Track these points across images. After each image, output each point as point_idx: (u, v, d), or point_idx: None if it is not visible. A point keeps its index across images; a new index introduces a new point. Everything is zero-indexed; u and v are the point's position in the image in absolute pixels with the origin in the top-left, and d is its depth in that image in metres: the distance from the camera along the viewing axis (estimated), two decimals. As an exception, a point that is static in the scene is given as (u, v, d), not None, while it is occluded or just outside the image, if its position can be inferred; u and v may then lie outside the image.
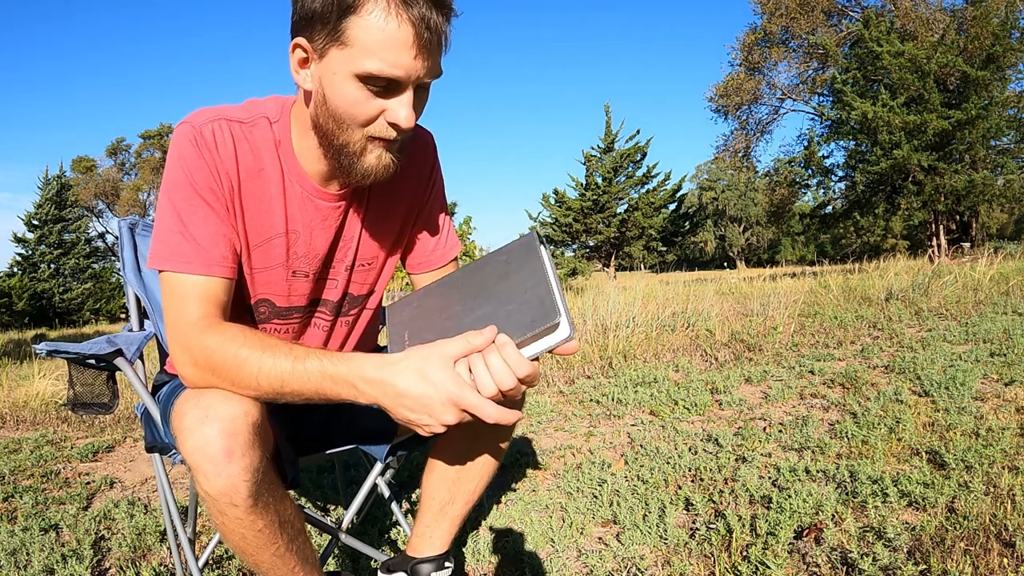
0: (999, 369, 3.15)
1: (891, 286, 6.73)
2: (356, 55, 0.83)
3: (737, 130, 23.23)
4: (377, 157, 0.91)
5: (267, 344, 0.86)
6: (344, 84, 0.85)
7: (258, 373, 0.84)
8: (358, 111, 0.87)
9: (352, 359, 0.83)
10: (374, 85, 0.85)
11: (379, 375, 0.81)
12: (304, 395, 0.85)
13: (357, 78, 0.84)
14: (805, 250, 48.98)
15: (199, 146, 0.93)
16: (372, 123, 0.88)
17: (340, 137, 0.90)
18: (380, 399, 0.82)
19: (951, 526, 1.52)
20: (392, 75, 0.83)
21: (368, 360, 0.83)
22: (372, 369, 0.82)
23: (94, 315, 29.84)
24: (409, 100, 0.86)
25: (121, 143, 46.65)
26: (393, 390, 0.80)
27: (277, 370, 0.84)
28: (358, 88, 0.85)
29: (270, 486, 0.86)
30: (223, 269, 0.94)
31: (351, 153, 0.91)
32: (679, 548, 1.57)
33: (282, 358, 0.84)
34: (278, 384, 0.84)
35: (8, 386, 4.31)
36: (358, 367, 0.82)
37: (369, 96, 0.86)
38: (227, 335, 0.87)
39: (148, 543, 1.80)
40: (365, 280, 1.14)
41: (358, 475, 2.32)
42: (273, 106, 1.00)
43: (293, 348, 0.86)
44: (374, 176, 0.93)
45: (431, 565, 1.16)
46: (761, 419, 2.69)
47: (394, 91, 0.86)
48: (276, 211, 1.00)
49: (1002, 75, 15.42)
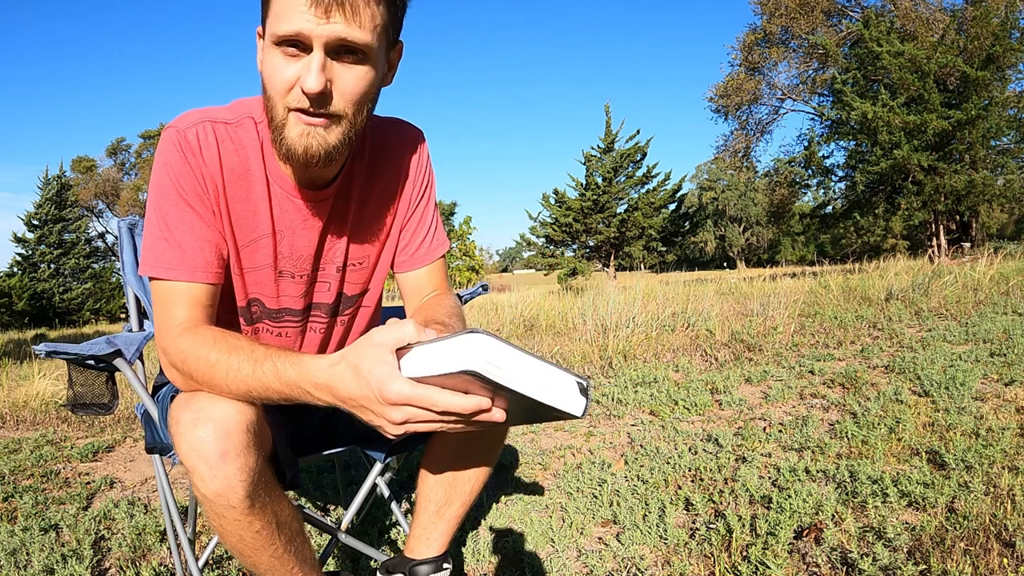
0: (999, 369, 3.15)
1: (891, 286, 6.74)
2: (272, 21, 0.84)
3: (737, 130, 23.24)
4: (299, 133, 0.88)
5: (233, 347, 0.85)
6: (269, 54, 0.86)
7: (226, 376, 0.83)
8: (276, 78, 0.86)
9: (302, 363, 0.79)
10: (288, 49, 0.84)
11: (324, 379, 0.76)
12: (270, 398, 0.83)
13: (274, 45, 0.85)
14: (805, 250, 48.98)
15: (184, 151, 0.94)
16: (290, 92, 0.87)
17: (270, 111, 0.90)
18: (332, 403, 0.77)
19: (951, 526, 1.52)
20: (289, 31, 0.82)
21: (316, 364, 0.78)
22: (318, 373, 0.77)
23: (94, 315, 29.85)
24: (318, 63, 0.83)
25: (121, 143, 46.70)
26: (337, 394, 0.76)
27: (241, 374, 0.82)
28: (277, 55, 0.85)
29: (267, 487, 0.86)
30: (207, 275, 0.95)
31: (277, 127, 0.90)
32: (679, 548, 1.57)
33: (244, 361, 0.82)
34: (244, 388, 0.83)
35: (8, 386, 4.31)
36: (307, 372, 0.78)
37: (285, 61, 0.85)
38: (200, 338, 0.87)
39: (148, 543, 1.80)
40: (358, 280, 1.13)
41: (358, 475, 2.32)
42: (257, 105, 1.00)
43: (255, 350, 0.83)
44: (299, 156, 0.89)
45: (429, 567, 1.15)
46: (761, 419, 2.69)
47: (306, 54, 0.85)
48: (262, 211, 1.00)
49: (1002, 75, 15.42)
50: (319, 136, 0.89)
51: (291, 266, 1.05)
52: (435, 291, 1.16)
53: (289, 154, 0.90)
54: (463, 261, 30.34)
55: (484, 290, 1.64)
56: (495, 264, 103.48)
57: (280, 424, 1.06)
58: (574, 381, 0.73)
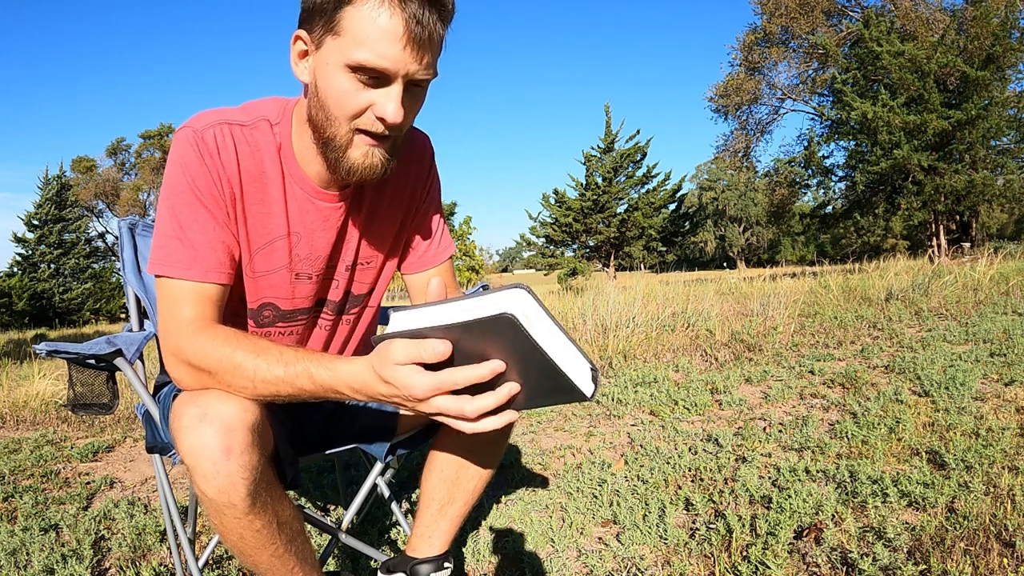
0: (999, 369, 3.15)
1: (891, 286, 6.74)
2: (347, 45, 0.83)
3: (737, 130, 23.25)
4: (364, 154, 0.91)
5: (259, 348, 0.86)
6: (335, 74, 0.86)
7: (254, 377, 0.85)
8: (346, 102, 0.87)
9: (335, 367, 0.83)
10: (363, 76, 0.85)
11: (360, 383, 0.82)
12: (299, 398, 0.87)
13: (348, 68, 0.85)
14: (805, 250, 48.99)
15: (201, 151, 0.93)
16: (360, 116, 0.88)
17: (328, 130, 0.90)
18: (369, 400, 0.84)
19: (951, 526, 1.52)
20: (379, 66, 0.83)
21: (350, 368, 0.83)
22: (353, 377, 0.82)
23: (94, 315, 29.85)
24: (398, 94, 0.86)
25: (121, 143, 46.68)
26: (372, 395, 0.82)
27: (272, 375, 0.85)
28: (348, 79, 0.85)
29: (268, 486, 0.86)
30: (219, 275, 0.95)
31: (338, 147, 0.91)
32: (679, 548, 1.57)
33: (275, 364, 0.85)
34: (273, 389, 0.85)
35: (8, 386, 4.31)
36: (342, 376, 0.83)
37: (359, 87, 0.86)
38: (220, 338, 0.88)
39: (148, 543, 1.80)
40: (365, 279, 1.14)
41: (358, 475, 2.32)
42: (273, 108, 1.00)
43: (283, 353, 0.86)
44: (360, 173, 0.92)
45: (430, 565, 1.15)
46: (761, 419, 2.69)
47: (383, 84, 0.86)
48: (277, 214, 1.00)
49: (1002, 75, 15.43)
50: (381, 155, 0.92)
51: (307, 267, 1.06)
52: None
53: (351, 172, 0.92)
54: (463, 261, 30.35)
55: (485, 290, 1.64)
56: (495, 264, 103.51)
57: (281, 423, 1.06)
58: (587, 366, 0.78)
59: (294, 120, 0.99)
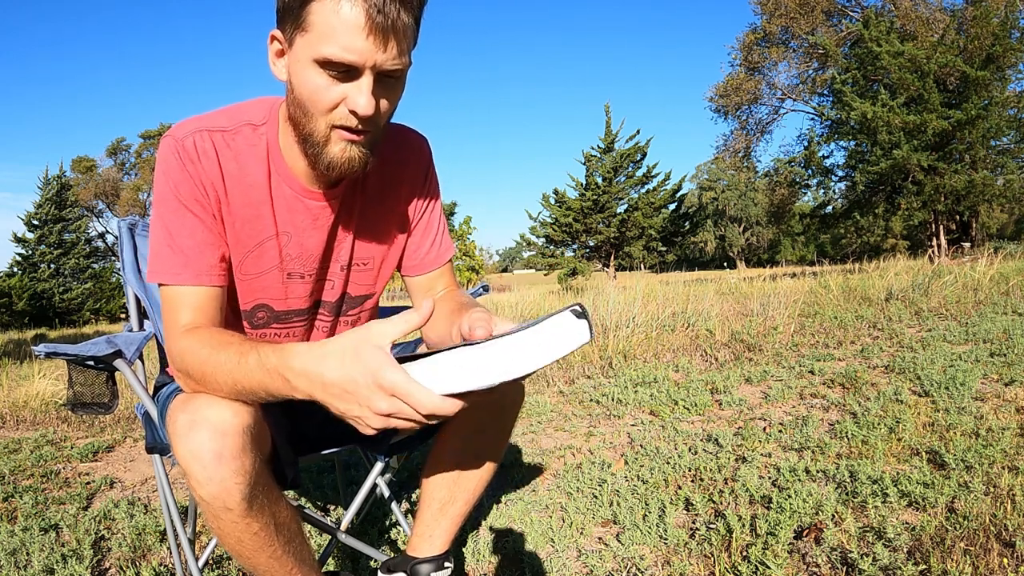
0: (999, 369, 3.15)
1: (891, 286, 6.73)
2: (314, 40, 0.84)
3: (737, 130, 23.25)
4: (342, 149, 0.91)
5: (224, 343, 0.84)
6: (306, 70, 0.86)
7: (215, 372, 0.83)
8: (319, 97, 0.87)
9: (284, 349, 0.77)
10: (333, 70, 0.85)
11: (303, 364, 0.74)
12: (256, 393, 0.81)
13: (317, 63, 0.85)
14: (805, 250, 48.99)
15: (182, 158, 0.95)
16: (334, 110, 0.88)
17: (307, 126, 0.91)
18: (310, 391, 0.74)
19: (951, 526, 1.52)
20: (345, 59, 0.83)
21: (297, 349, 0.76)
22: (297, 357, 0.75)
23: (94, 315, 29.85)
24: (368, 87, 0.85)
25: (121, 143, 46.67)
26: (320, 379, 0.73)
27: (227, 367, 0.81)
28: (319, 74, 0.86)
29: (265, 488, 0.86)
30: (212, 278, 0.96)
31: (316, 143, 0.91)
32: (679, 548, 1.57)
33: (232, 355, 0.81)
34: (231, 381, 0.81)
35: (8, 386, 4.31)
36: (286, 356, 0.76)
37: (330, 82, 0.86)
38: (198, 338, 0.88)
39: (148, 543, 1.80)
40: (363, 281, 1.14)
41: (358, 475, 2.32)
42: (259, 109, 1.01)
43: (243, 344, 0.83)
44: (339, 169, 0.92)
45: (431, 565, 1.16)
46: (761, 419, 2.69)
47: (353, 77, 0.86)
48: (264, 215, 1.01)
49: (1002, 75, 15.41)
50: (359, 150, 0.91)
51: (299, 267, 1.06)
52: (446, 289, 1.19)
53: (331, 167, 0.92)
54: (463, 261, 30.33)
55: (485, 290, 1.65)
56: (495, 264, 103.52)
57: (280, 423, 1.06)
58: (567, 312, 0.76)
59: (280, 120, 0.99)
